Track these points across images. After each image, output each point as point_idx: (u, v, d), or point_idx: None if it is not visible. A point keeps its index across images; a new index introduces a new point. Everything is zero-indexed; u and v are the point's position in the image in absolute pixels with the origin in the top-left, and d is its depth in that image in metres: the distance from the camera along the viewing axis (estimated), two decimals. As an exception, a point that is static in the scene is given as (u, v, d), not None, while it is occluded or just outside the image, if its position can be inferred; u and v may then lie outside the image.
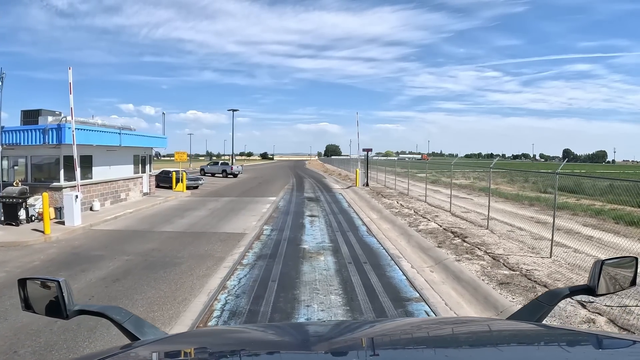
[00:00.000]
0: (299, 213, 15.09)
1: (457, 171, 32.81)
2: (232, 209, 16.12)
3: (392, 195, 19.54)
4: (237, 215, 14.50)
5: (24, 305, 1.37)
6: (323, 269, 7.84)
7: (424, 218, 12.83)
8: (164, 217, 14.34)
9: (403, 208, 14.99)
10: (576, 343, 1.11)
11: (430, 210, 14.45)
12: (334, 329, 1.41)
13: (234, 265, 8.07)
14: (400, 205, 15.89)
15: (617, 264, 1.42)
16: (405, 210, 14.38)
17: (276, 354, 1.13)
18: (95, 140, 15.57)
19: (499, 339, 1.21)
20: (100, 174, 16.65)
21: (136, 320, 1.34)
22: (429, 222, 12.18)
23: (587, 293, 1.39)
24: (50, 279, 1.33)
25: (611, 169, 62.29)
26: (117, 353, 1.03)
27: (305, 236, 10.86)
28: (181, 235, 11.29)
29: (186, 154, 24.00)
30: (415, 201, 17.12)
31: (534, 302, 1.41)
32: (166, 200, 19.34)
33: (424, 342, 1.19)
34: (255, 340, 1.28)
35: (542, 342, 1.15)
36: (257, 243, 10.10)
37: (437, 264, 8.24)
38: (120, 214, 15.07)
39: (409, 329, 1.37)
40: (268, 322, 5.21)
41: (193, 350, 1.15)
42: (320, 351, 1.09)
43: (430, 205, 15.98)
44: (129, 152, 18.93)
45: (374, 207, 16.22)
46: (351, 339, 1.23)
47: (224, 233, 11.39)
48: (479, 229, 11.43)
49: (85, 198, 15.61)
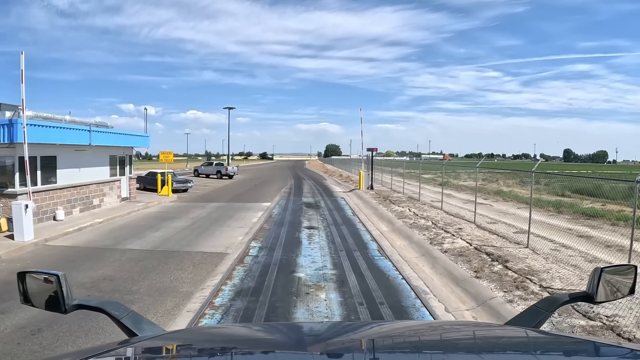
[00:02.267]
0: (296, 224, 12.84)
1: (462, 172, 30.67)
2: (217, 218, 13.87)
3: (401, 201, 17.30)
4: (222, 227, 12.25)
5: (22, 298, 1.37)
6: (324, 316, 5.61)
7: (446, 232, 10.59)
8: (136, 229, 12.11)
9: (418, 218, 12.74)
10: (573, 350, 1.09)
11: (451, 221, 12.21)
12: (332, 330, 1.42)
13: (201, 309, 5.83)
14: (414, 214, 13.65)
15: (616, 272, 1.40)
16: (422, 222, 12.13)
17: (272, 354, 1.09)
18: (58, 138, 13.33)
19: (496, 344, 1.19)
20: (67, 178, 14.41)
21: (134, 317, 1.32)
22: (453, 237, 9.94)
23: (586, 300, 1.38)
24: (50, 273, 1.32)
25: (612, 169, 60.18)
26: (115, 348, 1.04)
27: (302, 258, 8.61)
28: (147, 255, 9.06)
29: (172, 153, 21.79)
30: (430, 208, 14.87)
31: (532, 308, 1.39)
32: (146, 206, 17.10)
33: (420, 346, 1.16)
34: (253, 338, 1.28)
35: (539, 348, 1.13)
36: (239, 269, 7.85)
37: (481, 306, 6.00)
38: (87, 225, 12.84)
39: (406, 331, 1.35)
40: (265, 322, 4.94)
41: (190, 347, 1.13)
42: (316, 352, 1.05)
43: (448, 213, 13.75)
44: (103, 152, 16.69)
45: (382, 215, 13.97)
46: (348, 340, 1.22)
47: (200, 253, 9.15)
48: (516, 247, 9.21)
49: (47, 206, 13.40)
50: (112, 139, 16.68)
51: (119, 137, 17.23)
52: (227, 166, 37.75)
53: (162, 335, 1.23)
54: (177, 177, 24.52)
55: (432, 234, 10.41)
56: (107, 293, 6.78)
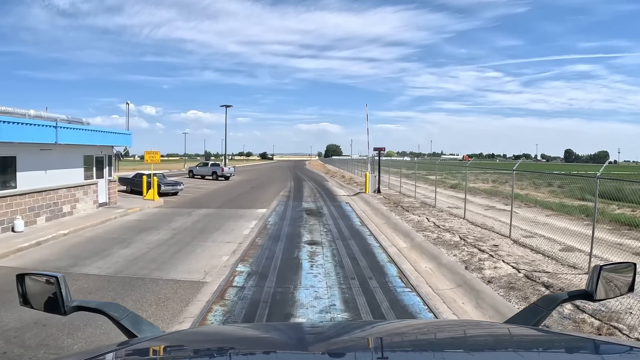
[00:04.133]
0: (295, 238, 10.80)
1: (468, 173, 28.63)
2: (203, 230, 11.84)
3: (414, 207, 15.25)
4: (206, 242, 10.22)
5: (21, 300, 1.34)
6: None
7: (480, 250, 8.56)
8: (103, 244, 10.08)
9: (441, 231, 10.69)
10: (573, 348, 1.07)
11: (480, 235, 10.18)
12: (333, 329, 1.40)
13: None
14: (433, 224, 11.61)
15: (615, 269, 1.36)
16: (446, 236, 10.08)
17: (273, 354, 1.07)
18: (16, 135, 11.29)
19: (496, 342, 1.17)
20: (30, 182, 12.38)
21: (134, 318, 1.31)
22: (492, 259, 7.90)
23: (585, 298, 1.34)
24: (49, 275, 1.30)
25: (613, 170, 58.12)
26: (114, 350, 1.02)
27: (302, 292, 6.55)
28: (103, 285, 7.03)
29: (159, 153, 19.82)
30: (450, 217, 12.84)
31: (532, 307, 1.36)
32: (125, 213, 15.07)
33: (421, 344, 1.15)
34: (253, 339, 1.25)
35: (539, 346, 1.11)
36: (217, 311, 5.79)
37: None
38: (48, 238, 10.82)
39: (408, 330, 1.33)
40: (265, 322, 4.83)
41: (190, 348, 1.10)
42: (318, 351, 1.04)
43: (473, 224, 11.73)
44: (76, 152, 14.67)
45: (397, 226, 11.92)
46: (350, 340, 1.19)
47: (171, 282, 7.10)
48: (574, 273, 7.22)
49: (4, 215, 11.38)
50: (86, 136, 14.63)
51: (94, 135, 15.18)
52: (224, 167, 35.66)
53: (162, 336, 1.22)
54: (167, 180, 22.49)
55: (464, 253, 8.37)
56: (29, 349, 4.80)
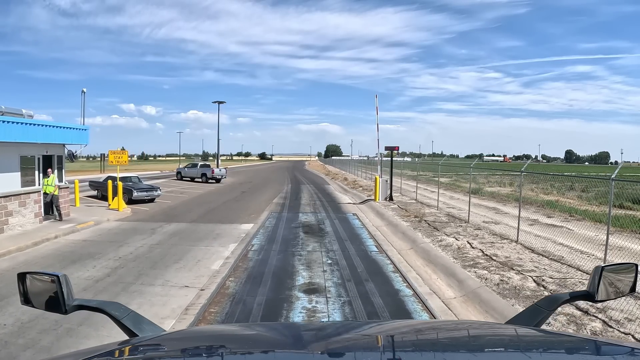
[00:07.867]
0: (285, 280, 7.41)
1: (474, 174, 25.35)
2: (158, 261, 8.49)
3: (442, 223, 11.92)
4: (153, 286, 6.85)
5: (23, 299, 1.33)
6: None
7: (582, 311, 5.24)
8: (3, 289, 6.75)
9: (498, 265, 7.31)
10: (574, 348, 1.06)
11: (560, 275, 6.86)
12: (332, 329, 1.39)
13: None
14: (482, 253, 8.27)
15: (617, 270, 1.34)
16: (512, 277, 6.68)
17: (272, 353, 1.07)
18: None
19: (497, 342, 1.16)
20: None
21: (135, 317, 1.30)
22: (604, 325, 4.60)
23: (587, 299, 1.32)
24: (50, 274, 1.29)
25: (612, 171, 54.75)
26: (115, 349, 1.02)
27: None
28: None
29: (126, 153, 16.63)
30: (496, 239, 9.51)
31: (533, 307, 1.34)
32: (72, 230, 11.75)
33: (421, 344, 1.14)
34: (253, 338, 1.25)
35: (540, 347, 1.10)
36: None
37: None
38: None
39: (407, 330, 1.31)
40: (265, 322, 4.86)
41: (191, 347, 1.10)
42: (317, 351, 1.03)
43: (533, 251, 8.43)
44: (9, 152, 11.37)
45: (431, 256, 8.54)
46: (349, 339, 1.18)
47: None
48: None
49: None
50: (20, 132, 11.28)
51: (33, 130, 11.82)
52: (214, 168, 32.31)
53: (163, 335, 1.20)
54: (141, 184, 19.17)
55: (560, 316, 5.05)
56: None
